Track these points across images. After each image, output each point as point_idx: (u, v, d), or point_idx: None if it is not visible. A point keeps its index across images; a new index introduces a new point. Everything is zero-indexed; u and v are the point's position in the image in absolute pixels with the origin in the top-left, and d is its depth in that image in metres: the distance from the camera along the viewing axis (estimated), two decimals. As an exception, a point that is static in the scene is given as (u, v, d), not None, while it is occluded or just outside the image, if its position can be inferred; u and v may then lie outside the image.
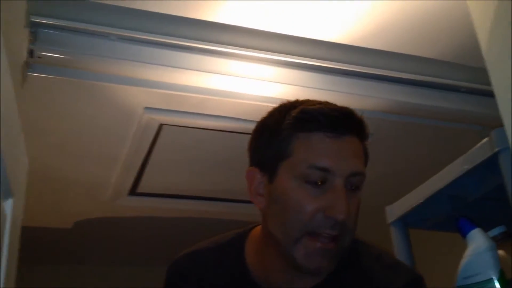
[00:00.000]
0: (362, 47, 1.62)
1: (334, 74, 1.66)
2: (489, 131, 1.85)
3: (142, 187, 2.24)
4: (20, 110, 0.95)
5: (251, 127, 1.91)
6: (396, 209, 1.32)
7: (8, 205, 0.80)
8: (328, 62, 1.63)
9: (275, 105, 1.80)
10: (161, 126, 1.86)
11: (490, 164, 1.05)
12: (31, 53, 1.36)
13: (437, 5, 1.48)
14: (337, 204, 0.82)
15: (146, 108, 1.77)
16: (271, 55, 1.58)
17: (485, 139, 1.07)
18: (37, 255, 2.56)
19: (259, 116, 1.89)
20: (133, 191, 2.26)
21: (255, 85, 1.61)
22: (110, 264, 3.04)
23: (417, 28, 1.57)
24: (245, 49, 1.56)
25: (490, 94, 1.75)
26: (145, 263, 3.03)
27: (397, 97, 1.76)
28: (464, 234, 1.08)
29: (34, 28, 1.35)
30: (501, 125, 1.05)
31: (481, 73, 1.70)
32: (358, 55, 1.66)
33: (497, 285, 0.95)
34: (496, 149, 1.02)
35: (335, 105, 0.90)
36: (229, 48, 1.55)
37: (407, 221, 1.31)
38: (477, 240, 1.05)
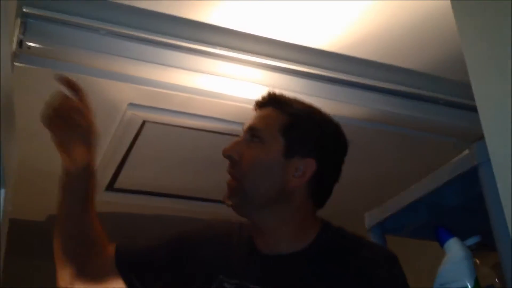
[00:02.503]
0: (347, 55, 1.66)
1: (318, 80, 1.69)
2: (464, 144, 1.91)
3: (120, 183, 2.23)
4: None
5: (234, 128, 1.93)
6: (375, 215, 1.35)
7: (0, 195, 0.80)
8: (313, 68, 1.66)
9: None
10: (144, 123, 1.86)
11: (470, 176, 1.09)
12: (20, 43, 1.35)
13: (422, 18, 1.52)
14: None
15: (130, 104, 1.76)
16: (259, 58, 1.60)
17: (466, 151, 1.11)
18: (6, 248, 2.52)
19: (243, 118, 1.92)
20: (110, 187, 2.24)
21: (241, 87, 1.62)
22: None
23: (402, 40, 1.61)
24: (234, 51, 1.58)
25: (468, 108, 1.82)
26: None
27: (378, 105, 1.80)
28: (442, 242, 1.12)
29: (25, 19, 1.35)
30: (476, 138, 1.09)
31: (461, 87, 1.77)
32: (343, 63, 1.69)
33: (473, 292, 0.98)
34: (476, 162, 1.06)
35: None
36: (218, 49, 1.56)
37: (385, 228, 1.34)
38: (454, 249, 1.09)
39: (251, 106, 1.74)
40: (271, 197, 1.07)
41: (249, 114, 1.83)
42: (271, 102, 1.15)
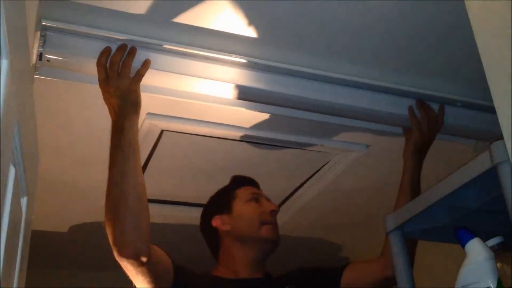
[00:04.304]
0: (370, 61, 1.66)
1: (338, 84, 1.69)
2: (483, 146, 1.88)
3: (140, 193, 2.25)
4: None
5: (251, 134, 1.95)
6: (394, 219, 1.34)
7: (23, 203, 0.81)
8: (336, 74, 1.67)
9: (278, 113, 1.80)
10: (162, 132, 1.88)
11: (489, 176, 1.07)
12: (40, 56, 1.38)
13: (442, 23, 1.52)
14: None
15: (148, 113, 1.78)
16: (276, 64, 1.60)
17: (485, 152, 1.09)
18: (31, 259, 2.55)
19: (260, 125, 1.93)
20: (130, 197, 2.26)
21: (257, 94, 1.63)
22: (104, 269, 3.03)
23: (419, 42, 1.61)
24: (249, 57, 1.59)
25: (487, 109, 1.80)
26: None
27: (394, 109, 1.79)
28: (463, 243, 1.11)
29: (44, 32, 1.37)
30: (496, 139, 1.08)
31: (479, 88, 1.75)
32: (364, 68, 1.70)
33: (495, 293, 0.97)
34: (496, 162, 1.04)
35: None
36: (233, 57, 1.57)
37: (405, 231, 1.32)
38: (476, 250, 1.08)
39: (268, 112, 1.77)
40: None
41: (265, 122, 1.86)
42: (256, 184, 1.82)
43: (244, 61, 1.58)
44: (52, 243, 2.68)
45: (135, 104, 1.43)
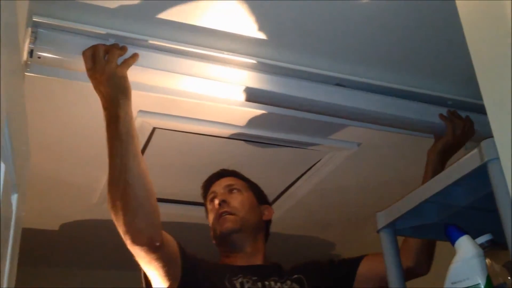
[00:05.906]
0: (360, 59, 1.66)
1: (328, 84, 1.69)
2: (473, 144, 1.90)
3: (131, 191, 2.24)
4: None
5: (244, 132, 1.95)
6: (385, 216, 1.34)
7: (13, 200, 0.81)
8: (323, 71, 1.66)
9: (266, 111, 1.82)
10: (154, 129, 1.88)
11: (479, 174, 1.08)
12: (30, 53, 1.37)
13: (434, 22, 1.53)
14: None
15: (140, 111, 1.78)
16: (267, 61, 1.60)
17: (475, 150, 1.10)
18: (22, 257, 2.54)
19: (252, 123, 1.93)
20: (122, 194, 2.25)
21: (250, 92, 1.63)
22: (96, 267, 3.03)
23: (410, 42, 1.62)
24: (241, 55, 1.59)
25: (476, 109, 1.82)
26: (131, 267, 3.02)
27: (385, 109, 1.79)
28: (452, 241, 1.12)
29: (35, 28, 1.37)
30: (486, 138, 1.08)
31: (468, 88, 1.77)
32: (355, 67, 1.70)
33: (484, 290, 0.98)
34: (486, 159, 1.05)
35: None
36: (225, 54, 1.57)
37: (396, 228, 1.33)
38: (465, 247, 1.09)
39: (258, 110, 1.77)
40: (255, 227, 1.67)
41: (257, 120, 1.86)
42: (231, 173, 1.78)
43: (237, 59, 1.58)
44: (43, 241, 2.67)
45: (125, 89, 1.40)
